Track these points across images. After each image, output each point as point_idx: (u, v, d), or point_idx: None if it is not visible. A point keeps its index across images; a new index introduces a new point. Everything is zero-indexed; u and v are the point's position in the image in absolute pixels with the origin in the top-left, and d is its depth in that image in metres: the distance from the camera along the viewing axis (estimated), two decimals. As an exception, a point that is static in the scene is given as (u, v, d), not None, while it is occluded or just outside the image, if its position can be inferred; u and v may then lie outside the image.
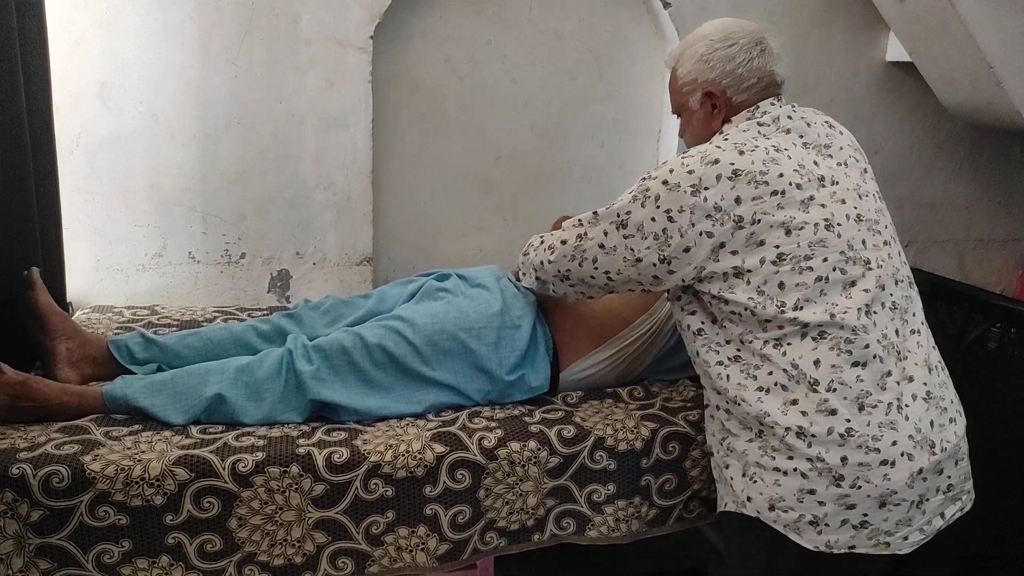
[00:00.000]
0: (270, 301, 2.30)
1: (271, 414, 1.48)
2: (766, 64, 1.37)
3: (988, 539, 1.95)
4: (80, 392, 1.48)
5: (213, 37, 2.12)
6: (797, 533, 1.24)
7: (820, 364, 1.23)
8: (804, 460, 1.22)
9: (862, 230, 1.28)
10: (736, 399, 1.29)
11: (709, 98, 1.38)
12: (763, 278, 1.24)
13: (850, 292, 1.24)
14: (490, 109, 2.42)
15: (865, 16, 2.51)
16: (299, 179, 2.24)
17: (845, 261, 1.25)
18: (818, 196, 1.26)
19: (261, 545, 1.37)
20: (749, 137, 1.32)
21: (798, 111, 1.37)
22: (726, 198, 1.24)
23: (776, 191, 1.24)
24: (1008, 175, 2.80)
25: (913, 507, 1.23)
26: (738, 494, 1.30)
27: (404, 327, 1.55)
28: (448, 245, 2.48)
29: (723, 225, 1.25)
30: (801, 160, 1.29)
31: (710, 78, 1.37)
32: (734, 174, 1.25)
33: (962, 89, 2.30)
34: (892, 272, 1.30)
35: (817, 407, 1.22)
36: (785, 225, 1.24)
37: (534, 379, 1.61)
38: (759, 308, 1.25)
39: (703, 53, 1.37)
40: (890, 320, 1.27)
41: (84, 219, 2.15)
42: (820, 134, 1.35)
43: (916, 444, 1.23)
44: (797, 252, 1.23)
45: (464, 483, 1.44)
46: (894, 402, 1.23)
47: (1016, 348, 1.88)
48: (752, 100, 1.37)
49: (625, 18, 2.45)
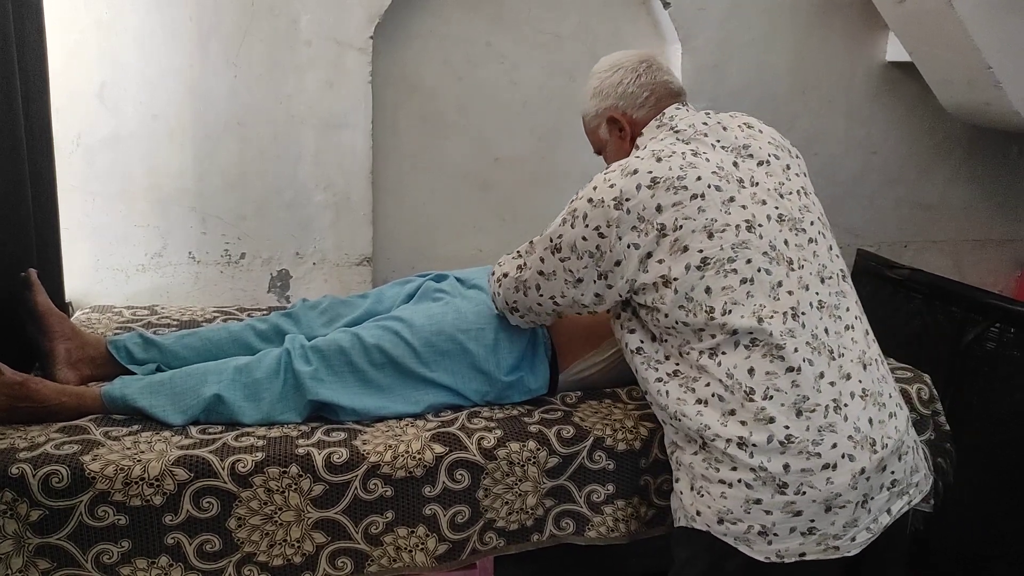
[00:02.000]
0: (270, 301, 2.30)
1: (269, 414, 1.48)
2: (655, 77, 1.41)
3: (988, 539, 1.95)
4: (79, 393, 1.48)
5: (212, 38, 2.12)
6: (748, 545, 1.23)
7: (755, 372, 1.22)
8: (747, 470, 1.21)
9: (783, 230, 1.28)
10: (676, 414, 1.28)
11: (614, 124, 1.43)
12: (690, 284, 1.24)
13: (777, 293, 1.24)
14: (489, 110, 2.42)
15: (865, 16, 2.51)
16: (298, 180, 2.25)
17: (769, 261, 1.24)
18: (739, 197, 1.27)
19: (260, 545, 1.37)
20: (667, 144, 1.32)
21: (713, 116, 1.38)
22: (647, 207, 1.25)
23: (695, 195, 1.25)
24: (1006, 176, 2.80)
25: (858, 507, 1.23)
26: (687, 508, 1.30)
27: (402, 328, 1.55)
28: (447, 246, 2.48)
29: (647, 235, 1.25)
30: (720, 162, 1.30)
31: (607, 105, 1.42)
32: (652, 182, 1.25)
33: (960, 90, 2.31)
34: (818, 270, 1.29)
35: (755, 416, 1.21)
36: (707, 228, 1.24)
37: (532, 381, 1.61)
38: (689, 316, 1.24)
39: (595, 87, 1.44)
40: (819, 319, 1.26)
41: (83, 219, 2.15)
42: (737, 136, 1.36)
43: (856, 444, 1.22)
44: (720, 255, 1.23)
45: (463, 483, 1.44)
46: (830, 404, 1.22)
47: (1014, 348, 1.88)
48: (652, 112, 1.40)
49: (624, 18, 2.46)
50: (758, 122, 1.42)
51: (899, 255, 2.71)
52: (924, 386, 1.65)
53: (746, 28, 2.46)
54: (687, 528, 1.30)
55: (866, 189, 2.70)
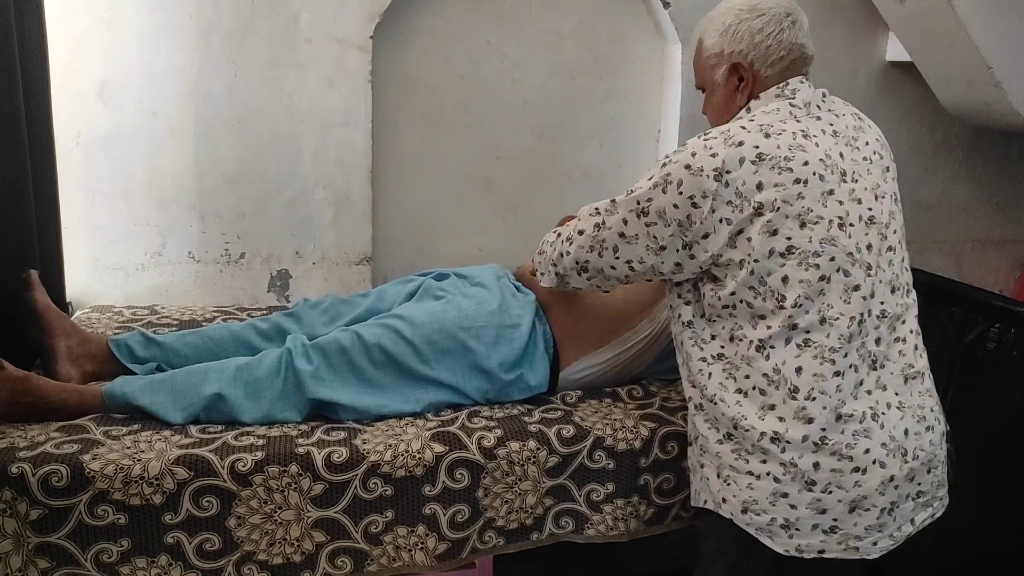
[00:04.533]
0: (269, 300, 2.30)
1: (270, 413, 1.48)
2: (796, 37, 1.29)
3: (988, 539, 1.95)
4: (80, 391, 1.48)
5: (213, 36, 2.12)
6: (769, 537, 1.24)
7: (802, 371, 1.21)
8: (777, 464, 1.22)
9: (871, 233, 1.24)
10: (713, 398, 1.28)
11: (735, 71, 1.31)
12: (767, 269, 1.20)
13: (849, 297, 1.21)
14: (490, 108, 2.42)
15: (865, 16, 2.51)
16: (298, 178, 2.24)
17: (851, 263, 1.21)
18: (838, 191, 1.22)
19: (260, 544, 1.37)
20: (777, 119, 1.25)
21: (828, 98, 1.32)
22: (748, 183, 1.19)
23: (799, 179, 1.19)
24: (1006, 176, 2.80)
25: (884, 513, 1.23)
26: (714, 494, 1.30)
27: (403, 326, 1.55)
28: (447, 244, 2.48)
29: (743, 212, 1.19)
30: (828, 150, 1.23)
31: (737, 50, 1.30)
32: (758, 158, 1.19)
33: (961, 90, 2.31)
34: (891, 279, 1.27)
35: (795, 414, 1.21)
36: (801, 217, 1.19)
37: (532, 378, 1.61)
38: (757, 300, 1.22)
39: (730, 24, 1.30)
40: (875, 328, 1.24)
41: (84, 218, 2.15)
42: (849, 125, 1.30)
43: (889, 452, 1.22)
44: (808, 247, 1.19)
45: (463, 482, 1.44)
46: (867, 411, 1.22)
47: (1015, 348, 1.88)
48: (779, 76, 1.30)
49: (625, 18, 2.45)
50: (866, 117, 1.37)
51: (899, 255, 2.71)
52: (924, 386, 1.65)
53: (747, 27, 2.45)
54: (714, 514, 1.30)
55: (866, 189, 2.70)
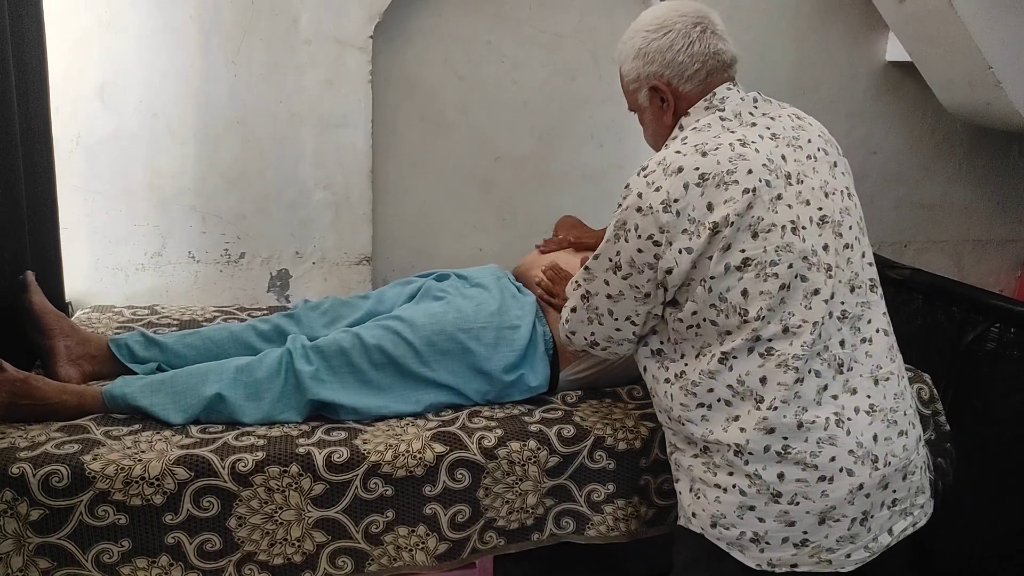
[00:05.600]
0: (269, 301, 2.30)
1: (270, 414, 1.48)
2: (709, 46, 1.26)
3: (988, 539, 1.95)
4: (79, 391, 1.48)
5: (213, 37, 2.12)
6: (740, 551, 1.22)
7: (767, 381, 1.19)
8: (743, 476, 1.20)
9: (824, 233, 1.21)
10: (680, 419, 1.26)
11: (656, 93, 1.29)
12: (725, 285, 1.17)
13: (810, 302, 1.18)
14: (489, 109, 2.42)
15: (865, 16, 2.51)
16: (298, 179, 2.24)
17: (808, 267, 1.18)
18: (785, 195, 1.19)
19: (261, 544, 1.37)
20: (711, 136, 1.22)
21: (762, 101, 1.29)
22: (697, 207, 1.17)
23: (747, 189, 1.17)
24: (1007, 176, 2.80)
25: (856, 524, 1.20)
26: (685, 509, 1.29)
27: (403, 327, 1.55)
28: (447, 245, 2.48)
29: (699, 237, 1.17)
30: (769, 154, 1.21)
31: (651, 71, 1.28)
32: (701, 179, 1.17)
33: (961, 90, 2.31)
34: (849, 278, 1.23)
35: (756, 424, 1.19)
36: (752, 227, 1.17)
37: (533, 379, 1.61)
38: (720, 317, 1.19)
39: (640, 47, 1.28)
40: (837, 331, 1.21)
41: (83, 219, 2.15)
42: (787, 126, 1.27)
43: (857, 459, 1.19)
44: (763, 257, 1.17)
45: (463, 482, 1.44)
46: (831, 417, 1.19)
47: (1015, 348, 1.88)
48: (703, 87, 1.27)
49: (625, 18, 2.44)
50: (806, 115, 1.33)
51: (900, 255, 2.71)
52: (924, 386, 1.66)
53: (746, 28, 2.45)
54: (685, 528, 1.30)
55: (867, 189, 2.69)
